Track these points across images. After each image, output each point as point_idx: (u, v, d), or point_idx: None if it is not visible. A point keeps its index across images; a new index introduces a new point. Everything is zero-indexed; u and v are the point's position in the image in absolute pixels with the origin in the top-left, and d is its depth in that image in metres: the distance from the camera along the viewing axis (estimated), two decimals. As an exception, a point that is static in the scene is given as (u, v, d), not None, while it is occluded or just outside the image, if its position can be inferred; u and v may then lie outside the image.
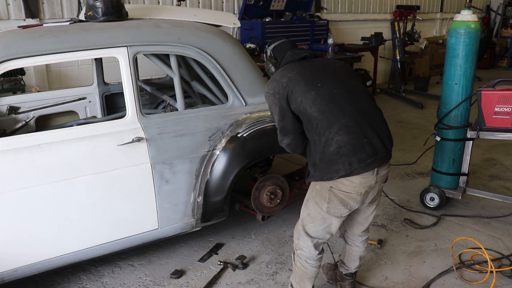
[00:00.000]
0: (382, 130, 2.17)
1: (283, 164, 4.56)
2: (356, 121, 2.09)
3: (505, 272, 2.85)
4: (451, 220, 3.55)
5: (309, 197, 2.28)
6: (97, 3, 2.71)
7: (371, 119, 2.15)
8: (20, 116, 3.28)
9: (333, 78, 2.20)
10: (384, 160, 2.14)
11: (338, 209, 2.17)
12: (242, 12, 6.25)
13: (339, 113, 2.09)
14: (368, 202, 2.30)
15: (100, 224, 2.57)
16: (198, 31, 2.84)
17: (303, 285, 2.40)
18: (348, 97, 2.15)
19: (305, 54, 2.32)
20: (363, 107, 2.16)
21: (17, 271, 2.42)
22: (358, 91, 2.23)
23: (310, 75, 2.19)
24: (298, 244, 2.33)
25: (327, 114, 2.09)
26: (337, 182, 2.11)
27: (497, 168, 4.66)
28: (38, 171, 2.34)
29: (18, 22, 4.57)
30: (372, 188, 2.18)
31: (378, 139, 2.11)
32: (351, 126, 2.07)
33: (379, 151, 2.10)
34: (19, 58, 2.35)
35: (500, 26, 11.95)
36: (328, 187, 2.14)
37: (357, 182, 2.10)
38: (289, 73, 2.21)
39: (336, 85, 2.17)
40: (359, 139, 2.07)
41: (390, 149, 2.19)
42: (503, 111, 3.23)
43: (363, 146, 2.07)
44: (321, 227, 2.25)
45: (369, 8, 8.69)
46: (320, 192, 2.19)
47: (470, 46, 3.38)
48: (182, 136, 2.71)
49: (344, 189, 2.12)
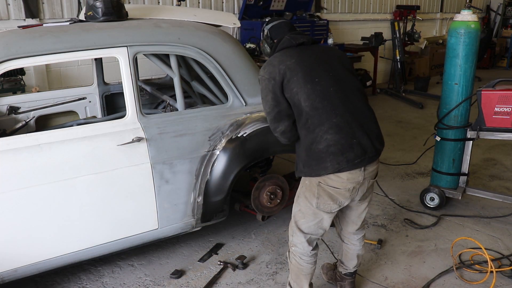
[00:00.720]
0: (372, 130, 2.18)
1: (283, 164, 4.56)
2: (347, 121, 2.11)
3: (505, 272, 2.85)
4: (451, 220, 3.55)
5: (300, 192, 2.30)
6: (97, 3, 2.71)
7: (362, 119, 2.17)
8: (20, 116, 3.28)
9: (331, 74, 2.20)
10: (372, 159, 2.16)
11: (327, 204, 2.19)
12: (242, 12, 6.25)
13: (331, 112, 2.11)
14: (358, 200, 2.30)
15: (100, 224, 2.56)
16: (198, 31, 2.84)
17: (299, 283, 2.39)
18: (342, 96, 2.16)
19: (303, 40, 2.28)
20: (355, 107, 2.18)
21: (17, 271, 2.42)
22: (352, 89, 2.23)
23: (308, 67, 2.17)
24: (292, 241, 2.34)
25: (319, 111, 2.11)
26: (325, 178, 2.13)
27: (497, 168, 4.66)
28: (38, 171, 2.34)
29: (18, 22, 4.57)
30: (361, 184, 2.19)
31: (368, 139, 2.13)
32: (341, 126, 2.09)
33: (367, 151, 2.13)
34: (19, 58, 2.35)
35: (500, 26, 11.95)
36: (316, 182, 2.17)
37: (345, 177, 2.12)
38: (288, 61, 2.19)
39: (332, 83, 2.17)
40: (348, 139, 2.09)
41: (380, 148, 2.20)
42: (503, 111, 3.23)
43: (352, 146, 2.09)
44: (313, 222, 2.26)
45: (369, 8, 8.69)
46: (310, 188, 2.21)
47: (470, 46, 3.38)
48: (182, 136, 2.71)
49: (332, 184, 2.14)
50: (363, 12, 8.59)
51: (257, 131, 2.91)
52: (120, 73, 2.57)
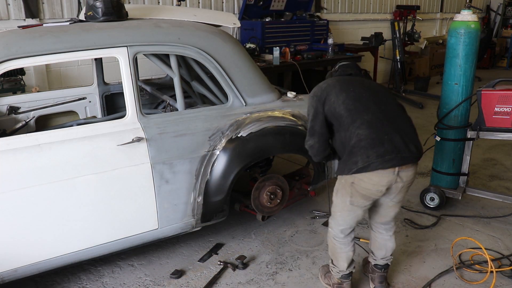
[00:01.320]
0: (406, 131, 2.27)
1: (283, 164, 4.56)
2: (379, 118, 2.24)
3: (505, 272, 2.85)
4: (451, 220, 3.55)
5: (337, 188, 2.44)
6: (97, 3, 2.71)
7: (395, 120, 2.29)
8: (20, 116, 3.28)
9: (365, 87, 2.41)
10: (406, 161, 2.21)
11: (360, 202, 2.34)
12: (242, 12, 6.25)
13: (363, 111, 2.27)
14: (390, 199, 2.41)
15: (100, 224, 2.56)
16: (198, 31, 2.84)
17: (335, 259, 2.58)
18: (375, 100, 2.33)
19: (350, 72, 2.58)
20: (388, 109, 2.32)
21: (17, 271, 2.42)
22: (387, 98, 2.40)
23: (346, 83, 2.43)
24: (330, 223, 2.54)
25: (352, 112, 2.27)
26: (358, 179, 2.24)
27: (497, 168, 4.66)
28: (38, 171, 2.34)
29: (18, 22, 4.57)
30: (395, 185, 2.28)
31: (400, 139, 2.20)
32: (373, 122, 2.22)
33: (400, 150, 2.18)
34: (19, 58, 2.35)
35: (500, 26, 11.95)
36: (350, 182, 2.30)
37: (376, 179, 2.21)
38: (330, 81, 2.49)
39: (366, 91, 2.37)
40: (379, 134, 2.19)
41: (415, 151, 2.24)
42: (503, 111, 3.23)
43: (383, 141, 2.17)
44: (348, 217, 2.43)
45: (369, 8, 8.69)
46: (344, 186, 2.35)
47: (470, 46, 3.38)
48: (182, 136, 2.71)
49: (364, 186, 2.26)
50: (363, 12, 8.58)
51: (257, 131, 2.91)
52: (120, 73, 2.57)
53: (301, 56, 6.15)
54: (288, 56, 5.86)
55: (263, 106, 3.04)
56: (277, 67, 5.60)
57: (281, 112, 3.08)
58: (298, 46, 6.46)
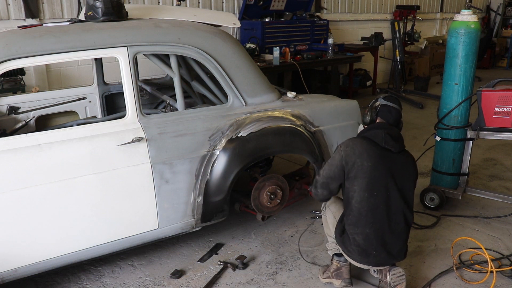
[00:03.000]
0: (394, 247, 2.49)
1: (283, 164, 4.56)
2: (378, 232, 2.44)
3: (505, 272, 2.85)
4: (451, 220, 3.55)
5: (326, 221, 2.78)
6: (97, 3, 2.71)
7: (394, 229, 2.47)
8: (20, 116, 3.28)
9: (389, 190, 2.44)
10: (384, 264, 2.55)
11: None
12: (242, 12, 6.25)
13: (371, 217, 2.43)
14: None
15: (100, 224, 2.56)
16: (198, 31, 2.84)
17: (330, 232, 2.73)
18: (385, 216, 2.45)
19: (390, 148, 2.46)
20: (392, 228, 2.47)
21: (17, 271, 2.42)
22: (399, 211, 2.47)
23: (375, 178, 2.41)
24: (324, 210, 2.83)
25: (362, 217, 2.44)
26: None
27: (497, 168, 4.66)
28: (38, 171, 2.34)
29: (18, 22, 4.57)
30: None
31: (386, 255, 2.49)
32: (370, 237, 2.44)
33: (381, 263, 2.52)
34: (19, 58, 2.35)
35: (500, 26, 11.95)
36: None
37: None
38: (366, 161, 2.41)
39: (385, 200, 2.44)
40: (369, 248, 2.46)
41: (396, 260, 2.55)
42: (503, 111, 3.23)
43: (369, 255, 2.48)
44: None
45: (369, 8, 8.69)
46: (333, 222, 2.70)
47: (470, 46, 3.38)
48: (182, 136, 2.71)
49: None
50: (363, 12, 8.58)
51: (257, 131, 2.91)
52: (120, 73, 2.57)
53: (301, 56, 6.16)
54: (288, 56, 5.87)
55: (263, 106, 3.04)
56: (277, 67, 5.61)
57: (281, 112, 3.08)
58: (298, 46, 6.47)
